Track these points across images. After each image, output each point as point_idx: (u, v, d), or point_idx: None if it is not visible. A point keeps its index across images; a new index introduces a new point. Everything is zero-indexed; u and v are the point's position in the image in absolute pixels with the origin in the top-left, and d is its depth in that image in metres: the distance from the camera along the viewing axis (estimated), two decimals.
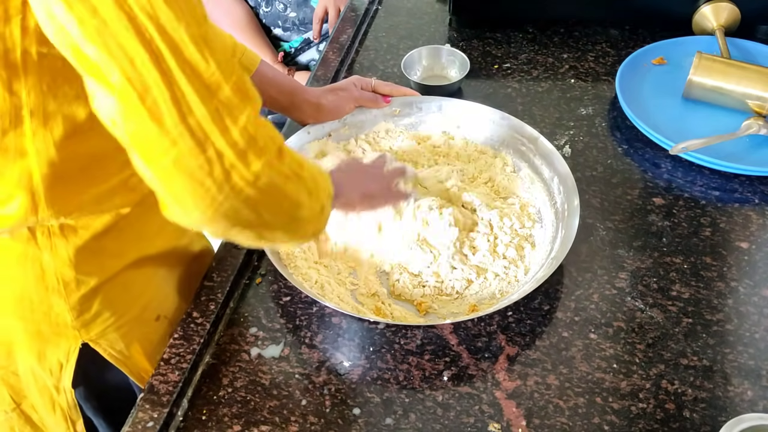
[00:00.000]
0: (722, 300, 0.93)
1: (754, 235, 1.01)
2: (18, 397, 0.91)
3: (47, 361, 0.86)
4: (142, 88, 0.53)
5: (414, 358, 0.87)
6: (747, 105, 1.16)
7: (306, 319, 0.91)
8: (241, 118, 0.56)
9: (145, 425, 0.80)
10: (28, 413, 0.93)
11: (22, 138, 0.69)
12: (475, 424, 0.80)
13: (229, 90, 0.55)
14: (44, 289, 0.81)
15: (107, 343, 0.88)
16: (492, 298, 0.92)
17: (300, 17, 1.78)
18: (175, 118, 0.54)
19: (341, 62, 1.32)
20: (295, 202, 0.66)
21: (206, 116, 0.54)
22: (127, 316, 0.88)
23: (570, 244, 0.90)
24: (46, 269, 0.80)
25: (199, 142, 0.55)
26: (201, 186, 0.57)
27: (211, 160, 0.56)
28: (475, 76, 1.29)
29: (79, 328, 0.84)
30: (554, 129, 1.17)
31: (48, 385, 0.89)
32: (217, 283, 0.94)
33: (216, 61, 0.54)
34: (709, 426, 0.79)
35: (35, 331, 0.83)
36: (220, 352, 0.88)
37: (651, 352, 0.87)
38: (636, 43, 1.34)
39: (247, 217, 0.62)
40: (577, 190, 0.96)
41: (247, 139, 0.57)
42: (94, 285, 0.83)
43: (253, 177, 0.59)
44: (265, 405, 0.83)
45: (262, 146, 0.58)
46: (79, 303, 0.83)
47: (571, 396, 0.83)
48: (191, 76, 0.53)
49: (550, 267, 0.89)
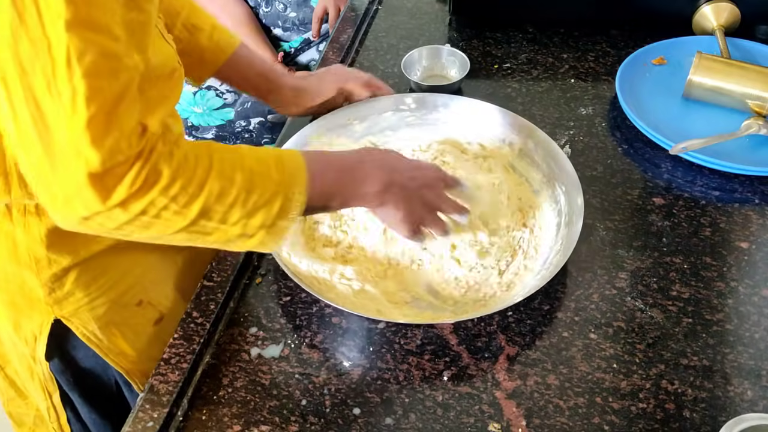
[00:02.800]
0: (722, 300, 0.93)
1: (754, 235, 1.01)
2: (3, 360, 0.95)
3: (22, 330, 0.89)
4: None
5: (414, 358, 0.87)
6: (747, 105, 1.16)
7: (306, 319, 0.91)
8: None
9: (145, 425, 0.80)
10: (12, 377, 0.96)
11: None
12: (475, 424, 0.80)
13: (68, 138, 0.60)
14: (17, 264, 0.83)
15: (80, 322, 0.89)
16: (492, 297, 0.92)
17: (300, 17, 1.78)
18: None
19: (341, 62, 1.32)
20: (160, 232, 0.69)
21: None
22: (104, 299, 0.89)
23: (573, 245, 0.90)
24: (18, 245, 0.82)
25: (49, 160, 0.61)
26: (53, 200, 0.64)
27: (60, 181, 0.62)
28: (475, 76, 1.29)
29: (52, 304, 0.87)
30: (554, 129, 1.17)
31: (26, 354, 0.91)
32: (217, 283, 0.94)
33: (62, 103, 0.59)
34: (709, 426, 0.79)
35: (10, 301, 0.86)
36: (220, 352, 0.88)
37: (651, 352, 0.87)
38: (636, 43, 1.34)
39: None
40: (581, 191, 0.96)
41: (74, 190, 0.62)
42: (67, 265, 0.84)
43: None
44: (265, 405, 0.83)
45: (83, 202, 0.63)
46: (50, 280, 0.85)
47: (571, 396, 0.83)
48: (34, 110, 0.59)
49: (555, 267, 0.89)
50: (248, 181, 0.71)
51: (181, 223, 0.68)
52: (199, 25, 0.99)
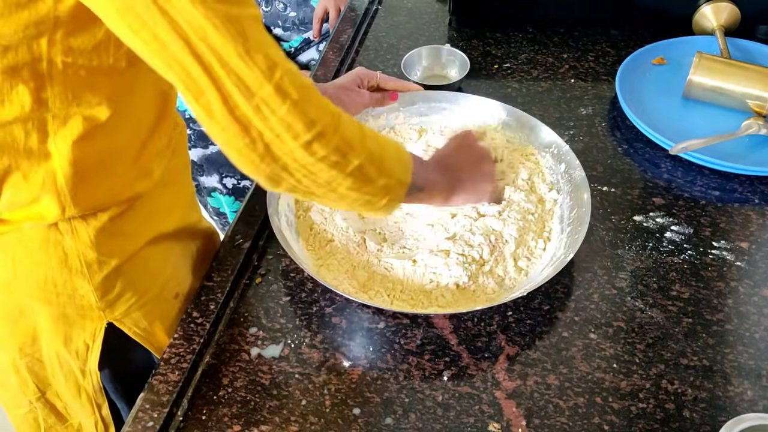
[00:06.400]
0: (722, 300, 0.93)
1: (754, 235, 1.01)
2: (43, 385, 0.94)
3: (73, 343, 0.89)
4: (197, 92, 0.66)
5: (414, 358, 0.87)
6: (747, 105, 1.16)
7: (306, 319, 0.91)
8: (279, 111, 0.67)
9: (145, 425, 0.80)
10: (53, 402, 0.96)
11: (45, 139, 0.74)
12: (475, 424, 0.80)
13: (271, 89, 0.66)
14: (68, 272, 0.83)
15: (131, 321, 0.91)
16: (494, 292, 0.92)
17: (300, 17, 1.78)
18: (223, 111, 0.66)
19: (341, 62, 1.32)
20: (332, 179, 0.73)
21: (249, 110, 0.66)
22: (149, 295, 0.91)
23: (579, 243, 0.91)
24: (68, 252, 0.82)
25: (244, 127, 0.67)
26: (247, 158, 0.70)
27: (254, 140, 0.68)
28: (475, 76, 1.29)
29: (104, 308, 0.87)
30: (554, 129, 1.17)
31: (74, 369, 0.91)
32: (217, 283, 0.94)
33: (258, 68, 0.65)
34: (709, 426, 0.79)
35: (60, 314, 0.86)
36: (220, 352, 0.88)
37: (651, 352, 0.87)
38: (636, 43, 1.34)
39: (289, 181, 0.72)
40: (589, 190, 0.97)
41: (284, 126, 0.68)
42: (116, 265, 0.86)
43: (289, 150, 0.69)
44: (265, 405, 0.83)
45: (298, 130, 0.68)
46: (102, 284, 0.85)
47: (571, 396, 0.83)
48: (237, 81, 0.65)
49: (560, 263, 0.89)
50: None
51: (357, 160, 0.74)
52: None
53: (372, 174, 0.76)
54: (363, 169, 0.75)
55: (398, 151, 0.81)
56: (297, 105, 0.68)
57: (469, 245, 0.95)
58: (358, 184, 0.75)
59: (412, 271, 0.93)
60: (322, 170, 0.72)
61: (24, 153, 0.74)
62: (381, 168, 0.77)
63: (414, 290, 0.92)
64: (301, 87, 0.69)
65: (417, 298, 0.92)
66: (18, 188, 0.77)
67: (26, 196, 0.77)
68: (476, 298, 0.91)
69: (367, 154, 0.75)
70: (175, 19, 0.62)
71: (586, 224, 0.93)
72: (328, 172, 0.73)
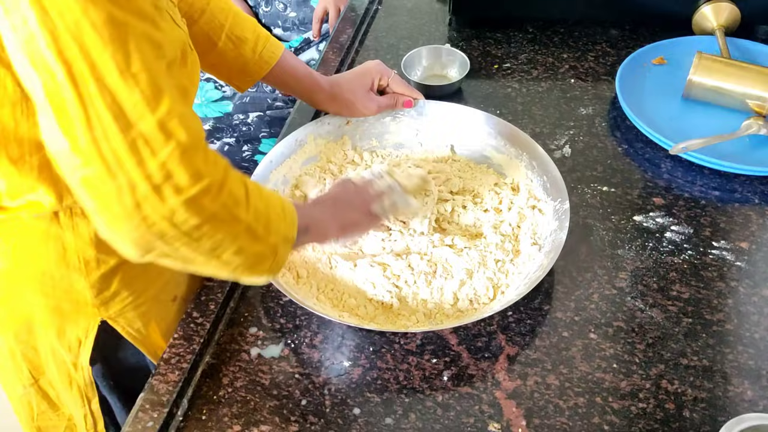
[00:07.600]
0: (722, 300, 0.93)
1: (754, 235, 1.01)
2: (36, 372, 0.93)
3: (66, 337, 0.89)
4: (59, 104, 0.53)
5: (414, 358, 0.87)
6: (747, 105, 1.16)
7: (306, 319, 0.91)
8: (161, 153, 0.56)
9: (145, 425, 0.80)
10: (46, 389, 0.96)
11: (35, 129, 0.69)
12: (475, 424, 0.80)
13: (153, 123, 0.55)
14: (65, 267, 0.83)
15: (125, 321, 0.90)
16: (487, 294, 0.92)
17: (300, 17, 1.78)
18: (87, 139, 0.54)
19: (341, 62, 1.32)
20: (217, 245, 0.65)
21: (122, 145, 0.54)
22: (145, 296, 0.90)
23: (560, 249, 0.90)
24: (67, 248, 0.82)
25: (109, 168, 0.55)
26: (108, 210, 0.58)
27: (120, 188, 0.56)
28: (475, 76, 1.29)
29: (99, 306, 0.87)
30: (554, 129, 1.17)
31: (66, 362, 0.91)
32: (217, 283, 0.94)
33: (141, 92, 0.53)
34: (709, 426, 0.79)
35: (56, 307, 0.86)
36: (220, 352, 0.88)
37: (651, 352, 0.87)
38: (636, 43, 1.34)
39: (163, 249, 0.62)
40: (567, 194, 0.95)
41: (164, 174, 0.56)
42: (114, 264, 0.85)
43: (168, 212, 0.58)
44: (265, 405, 0.83)
45: (183, 184, 0.57)
46: (99, 281, 0.85)
47: (571, 396, 0.83)
48: (111, 102, 0.53)
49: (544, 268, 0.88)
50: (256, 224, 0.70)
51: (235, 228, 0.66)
52: (244, 36, 1.00)
53: (260, 233, 0.68)
54: (250, 229, 0.66)
55: (282, 206, 0.73)
56: (185, 151, 0.57)
57: (410, 268, 0.93)
58: (246, 245, 0.67)
59: (351, 275, 0.93)
60: (206, 234, 0.62)
61: (15, 141, 0.72)
62: (268, 226, 0.69)
63: (358, 295, 0.92)
64: (191, 130, 0.58)
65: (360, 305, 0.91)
66: (13, 176, 0.74)
67: (22, 184, 0.75)
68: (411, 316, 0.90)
69: (254, 212, 0.67)
70: (45, 7, 0.51)
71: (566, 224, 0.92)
72: (212, 237, 0.63)
